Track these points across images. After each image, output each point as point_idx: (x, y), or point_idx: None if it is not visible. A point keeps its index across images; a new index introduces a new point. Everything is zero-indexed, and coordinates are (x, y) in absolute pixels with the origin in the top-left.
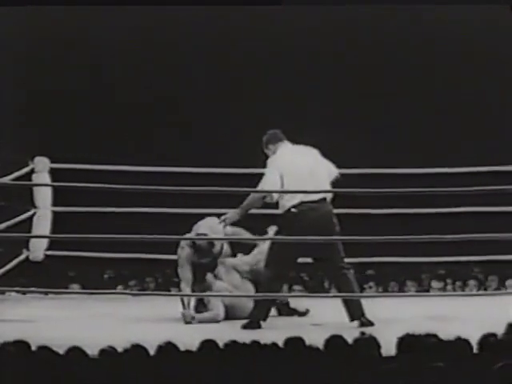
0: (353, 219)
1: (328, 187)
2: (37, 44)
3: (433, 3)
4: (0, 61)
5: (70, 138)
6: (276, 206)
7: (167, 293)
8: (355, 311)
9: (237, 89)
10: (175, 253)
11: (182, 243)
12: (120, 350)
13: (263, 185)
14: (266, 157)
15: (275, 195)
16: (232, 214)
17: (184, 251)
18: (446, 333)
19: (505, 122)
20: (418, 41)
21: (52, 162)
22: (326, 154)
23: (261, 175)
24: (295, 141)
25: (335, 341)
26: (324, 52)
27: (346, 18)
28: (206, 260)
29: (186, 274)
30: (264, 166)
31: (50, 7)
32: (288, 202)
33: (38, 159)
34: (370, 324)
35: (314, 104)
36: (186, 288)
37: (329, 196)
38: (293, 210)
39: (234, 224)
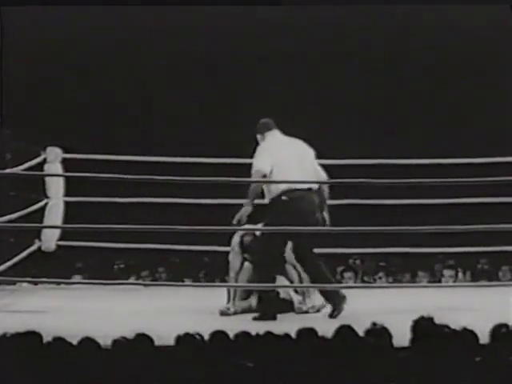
0: (364, 210)
1: (314, 177)
2: (49, 36)
3: (433, 3)
4: (13, 52)
5: (81, 128)
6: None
7: (179, 283)
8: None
9: (237, 88)
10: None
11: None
12: (132, 340)
13: (254, 173)
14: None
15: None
16: (243, 210)
17: (237, 242)
18: (458, 323)
19: (505, 117)
20: (418, 40)
21: (64, 152)
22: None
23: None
24: (293, 133)
25: (344, 331)
26: (324, 51)
27: (345, 18)
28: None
29: (236, 263)
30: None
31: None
32: (276, 189)
33: (49, 149)
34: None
35: (313, 100)
36: (232, 278)
37: (315, 186)
38: (283, 197)
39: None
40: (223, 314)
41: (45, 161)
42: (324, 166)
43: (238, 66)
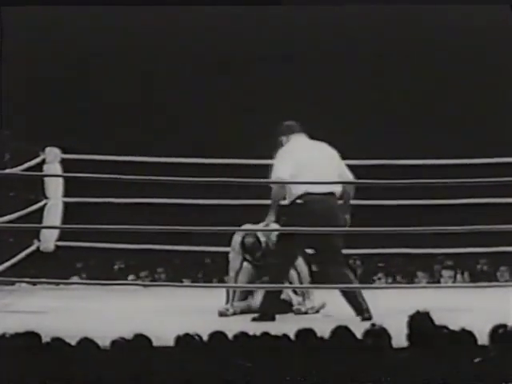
0: (364, 211)
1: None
2: (49, 36)
3: (433, 3)
4: (12, 51)
5: (81, 128)
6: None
7: (178, 283)
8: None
9: (237, 88)
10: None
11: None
12: (131, 341)
13: (275, 175)
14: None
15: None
16: (269, 216)
17: (238, 242)
18: (457, 324)
19: (505, 117)
20: (418, 40)
21: (63, 152)
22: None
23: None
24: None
25: (341, 332)
26: (323, 51)
27: (345, 18)
28: (253, 259)
29: (236, 263)
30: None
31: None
32: (294, 192)
33: (49, 149)
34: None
35: (313, 100)
36: (232, 278)
37: (337, 191)
38: (298, 200)
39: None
40: (222, 314)
41: (44, 161)
42: None
43: (238, 65)
